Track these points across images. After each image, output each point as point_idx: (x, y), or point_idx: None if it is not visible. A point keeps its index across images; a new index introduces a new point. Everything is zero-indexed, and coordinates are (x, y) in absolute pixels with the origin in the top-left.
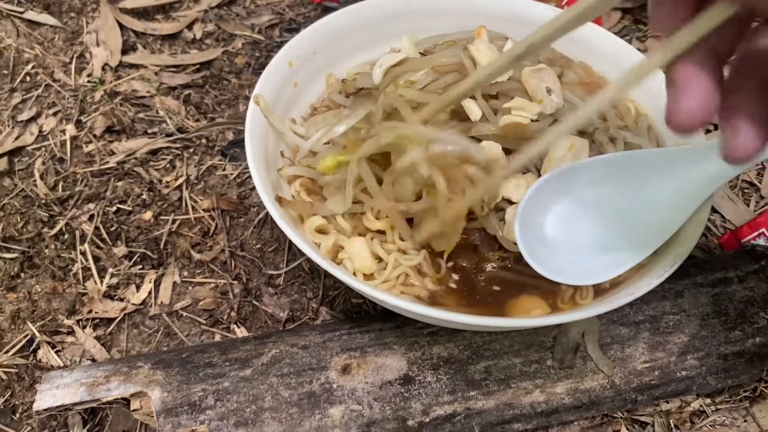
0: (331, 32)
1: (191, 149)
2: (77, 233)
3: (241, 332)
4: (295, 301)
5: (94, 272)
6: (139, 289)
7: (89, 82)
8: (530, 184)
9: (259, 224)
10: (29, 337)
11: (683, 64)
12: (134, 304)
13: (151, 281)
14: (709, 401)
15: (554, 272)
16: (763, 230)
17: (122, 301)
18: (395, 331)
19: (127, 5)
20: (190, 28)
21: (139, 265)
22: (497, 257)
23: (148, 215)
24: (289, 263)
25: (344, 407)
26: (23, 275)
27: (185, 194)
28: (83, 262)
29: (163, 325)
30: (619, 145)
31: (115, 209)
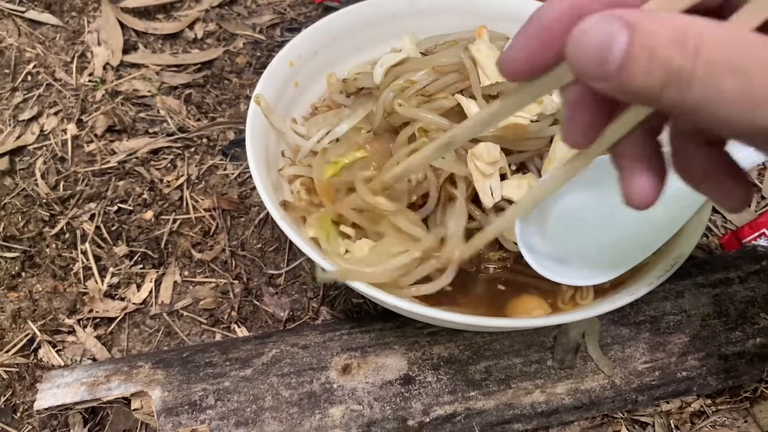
0: (332, 32)
1: (192, 149)
2: (78, 233)
3: (241, 332)
4: (295, 300)
5: (94, 272)
6: (139, 288)
7: (90, 81)
8: (531, 184)
9: (259, 224)
10: (30, 336)
11: (621, 150)
12: (135, 303)
13: (151, 281)
14: (709, 402)
15: (554, 272)
16: (764, 230)
17: (123, 300)
18: (396, 331)
19: (128, 4)
20: (191, 27)
21: (139, 264)
22: (497, 257)
23: (149, 215)
24: (289, 263)
25: (344, 407)
26: (24, 274)
27: (186, 194)
28: (84, 261)
29: (163, 324)
30: None
31: (116, 209)
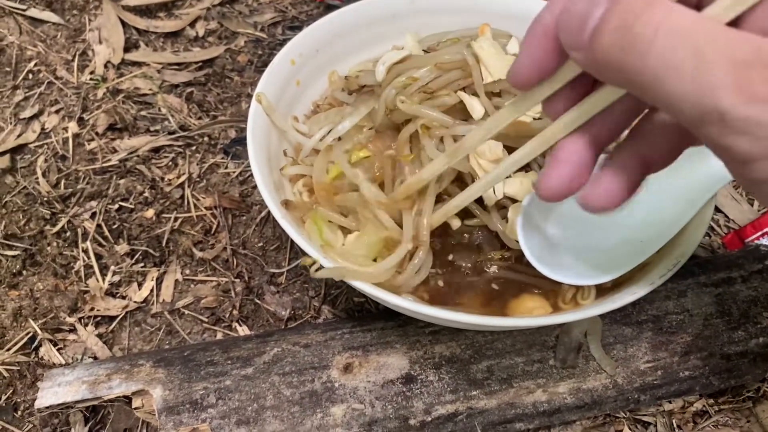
0: (333, 30)
1: (193, 147)
2: (79, 231)
3: (242, 330)
4: (297, 299)
5: (96, 270)
6: (141, 287)
7: (92, 79)
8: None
9: (261, 222)
10: (31, 334)
11: (565, 142)
12: (136, 302)
13: (153, 279)
14: (711, 401)
15: (556, 272)
16: (766, 230)
17: (124, 299)
18: (397, 330)
19: (129, 3)
20: (192, 25)
21: (141, 263)
22: (499, 256)
23: (150, 213)
24: (291, 261)
25: (346, 406)
26: (25, 273)
27: (187, 192)
28: (85, 259)
29: (164, 323)
30: None
31: (117, 207)
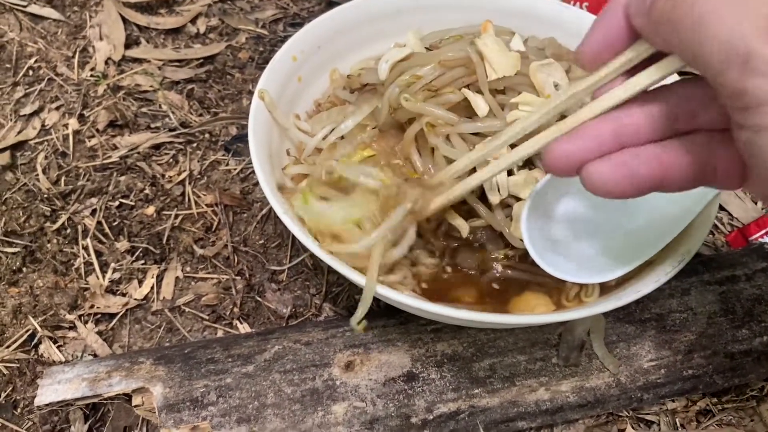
0: (335, 27)
1: (194, 144)
2: (79, 228)
3: (243, 328)
4: (298, 297)
5: (96, 267)
6: (141, 284)
7: (92, 76)
8: (538, 180)
9: (262, 220)
10: (31, 331)
11: (590, 122)
12: (136, 299)
13: (153, 276)
14: (715, 400)
15: (560, 270)
16: None
17: (124, 296)
18: (399, 327)
19: None
20: (193, 22)
21: (141, 260)
22: (503, 255)
23: (150, 210)
24: (292, 259)
25: (347, 404)
26: (25, 270)
27: (188, 189)
28: (85, 256)
29: (165, 320)
30: None
31: (117, 204)
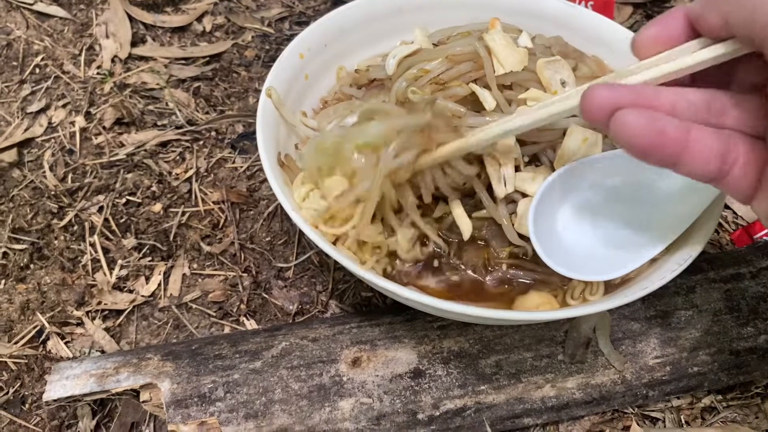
0: (342, 24)
1: (201, 142)
2: (87, 225)
3: (250, 325)
4: (304, 294)
5: (103, 264)
6: (148, 280)
7: (99, 74)
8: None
9: (268, 217)
10: (39, 328)
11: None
12: (143, 295)
13: (160, 273)
14: (720, 397)
15: (566, 267)
16: None
17: (131, 292)
18: (405, 324)
19: None
20: (199, 20)
21: (148, 257)
22: (507, 252)
23: (157, 207)
24: (298, 256)
25: (354, 400)
26: (33, 266)
27: (195, 186)
28: (92, 253)
29: (172, 317)
30: None
31: (124, 201)
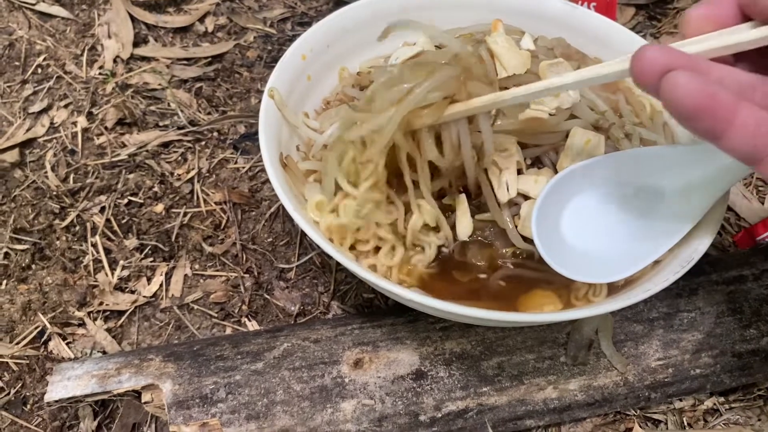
0: (344, 25)
1: (203, 142)
2: (88, 225)
3: (252, 326)
4: (306, 295)
5: (105, 264)
6: (150, 281)
7: (101, 74)
8: (547, 180)
9: (270, 218)
10: (40, 328)
11: None
12: (145, 296)
13: (162, 274)
14: (722, 399)
15: (569, 269)
16: None
17: (133, 293)
18: (407, 326)
19: None
20: (201, 21)
21: (150, 257)
22: (511, 253)
23: (159, 208)
24: (300, 257)
25: (356, 401)
26: (34, 267)
27: (197, 187)
28: (94, 254)
29: (174, 317)
30: (634, 141)
31: (126, 201)
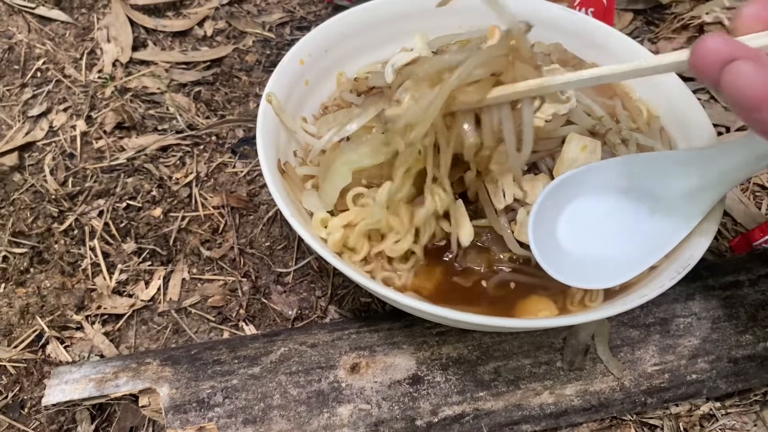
0: (343, 30)
1: (201, 146)
2: (87, 229)
3: (249, 330)
4: (303, 299)
5: (103, 268)
6: (148, 285)
7: (100, 78)
8: (544, 185)
9: (268, 222)
10: (38, 332)
11: None
12: (143, 300)
13: (160, 278)
14: (719, 405)
15: (566, 275)
16: None
17: (131, 297)
18: (404, 330)
19: (137, 1)
20: (200, 25)
21: (148, 261)
22: (508, 258)
23: (157, 212)
24: (298, 261)
25: (353, 406)
26: (32, 270)
27: (195, 191)
28: (92, 257)
29: (171, 321)
30: (631, 146)
31: (124, 205)
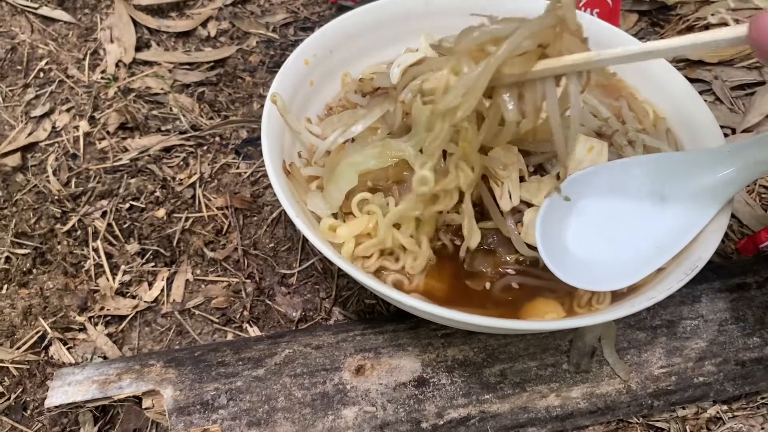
0: (347, 31)
1: (205, 147)
2: (90, 230)
3: (253, 331)
4: (307, 300)
5: (106, 269)
6: (151, 286)
7: (103, 78)
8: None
9: (272, 223)
10: (41, 333)
11: None
12: (146, 301)
13: (163, 279)
14: (726, 408)
15: (573, 277)
16: None
17: (134, 298)
18: (409, 332)
19: (141, 2)
20: (204, 25)
21: (151, 262)
22: (514, 260)
23: (161, 212)
24: (302, 263)
25: (358, 408)
26: (35, 271)
27: (198, 192)
28: (95, 258)
29: (175, 323)
30: (638, 148)
31: (128, 206)
